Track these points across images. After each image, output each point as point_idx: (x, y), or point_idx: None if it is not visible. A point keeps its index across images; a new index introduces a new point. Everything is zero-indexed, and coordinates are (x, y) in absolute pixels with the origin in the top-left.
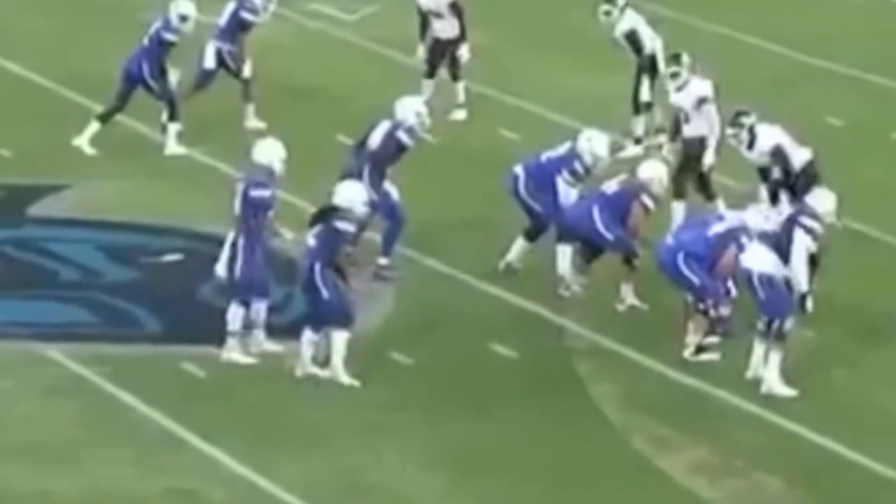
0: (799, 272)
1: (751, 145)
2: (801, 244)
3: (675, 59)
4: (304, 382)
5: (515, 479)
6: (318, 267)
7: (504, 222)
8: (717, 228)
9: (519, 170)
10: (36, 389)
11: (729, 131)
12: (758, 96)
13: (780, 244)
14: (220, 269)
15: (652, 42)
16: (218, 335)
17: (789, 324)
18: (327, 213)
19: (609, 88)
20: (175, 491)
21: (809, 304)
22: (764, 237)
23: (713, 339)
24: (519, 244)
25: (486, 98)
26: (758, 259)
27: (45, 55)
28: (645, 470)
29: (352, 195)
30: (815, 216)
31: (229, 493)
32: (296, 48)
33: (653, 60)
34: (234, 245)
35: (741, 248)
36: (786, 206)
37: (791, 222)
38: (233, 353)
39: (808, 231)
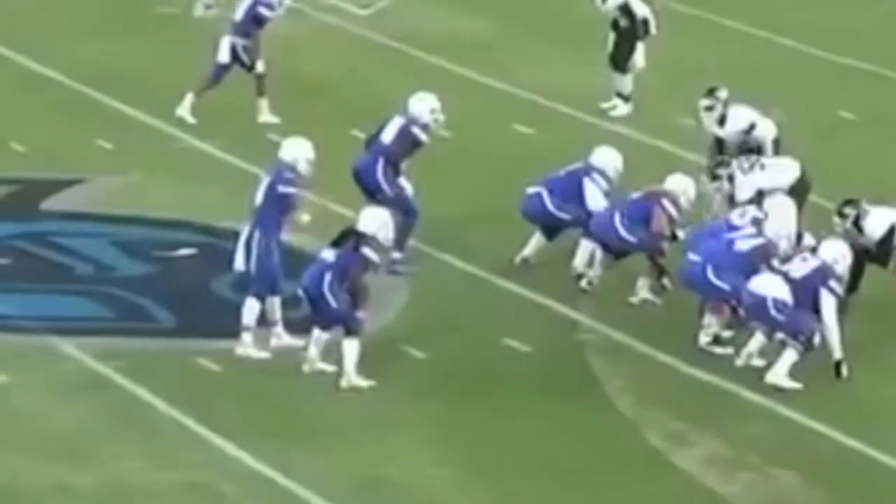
0: (832, 336)
1: (722, 122)
2: (830, 308)
3: (710, 92)
4: (319, 377)
5: (529, 473)
6: (328, 278)
7: (518, 217)
8: (742, 246)
9: (540, 189)
10: (51, 384)
11: (704, 102)
12: (769, 89)
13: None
14: (239, 263)
15: (642, 9)
16: (232, 329)
17: (817, 339)
18: (353, 237)
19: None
20: (189, 485)
21: (844, 370)
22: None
23: (729, 334)
24: (536, 239)
25: (498, 92)
26: (771, 285)
27: (56, 50)
28: (659, 465)
29: (379, 222)
30: (838, 277)
31: (243, 487)
32: (309, 43)
33: (646, 25)
34: (249, 239)
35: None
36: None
37: (814, 281)
38: (247, 347)
39: (834, 294)
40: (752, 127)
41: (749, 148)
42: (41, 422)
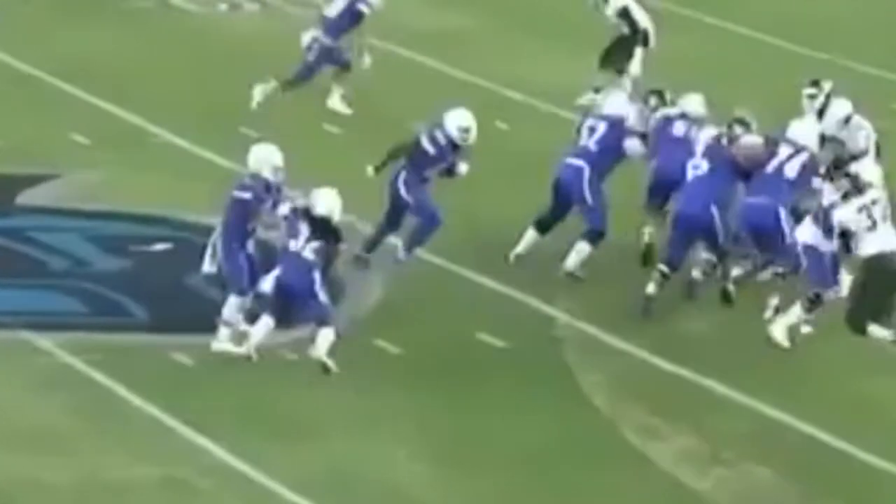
0: None
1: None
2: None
3: (814, 84)
4: (294, 372)
5: (504, 468)
6: (318, 276)
7: (494, 212)
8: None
9: (581, 163)
10: (26, 378)
11: (808, 91)
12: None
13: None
14: (205, 265)
15: (643, 18)
16: (207, 324)
17: (830, 294)
18: (329, 232)
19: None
20: (164, 480)
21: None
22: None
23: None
24: (529, 235)
25: (479, 88)
26: (804, 231)
27: (33, 44)
28: (633, 459)
29: (334, 201)
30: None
31: (218, 482)
32: (286, 39)
33: (646, 36)
34: (215, 242)
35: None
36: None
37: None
38: (224, 343)
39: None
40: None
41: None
42: (15, 416)
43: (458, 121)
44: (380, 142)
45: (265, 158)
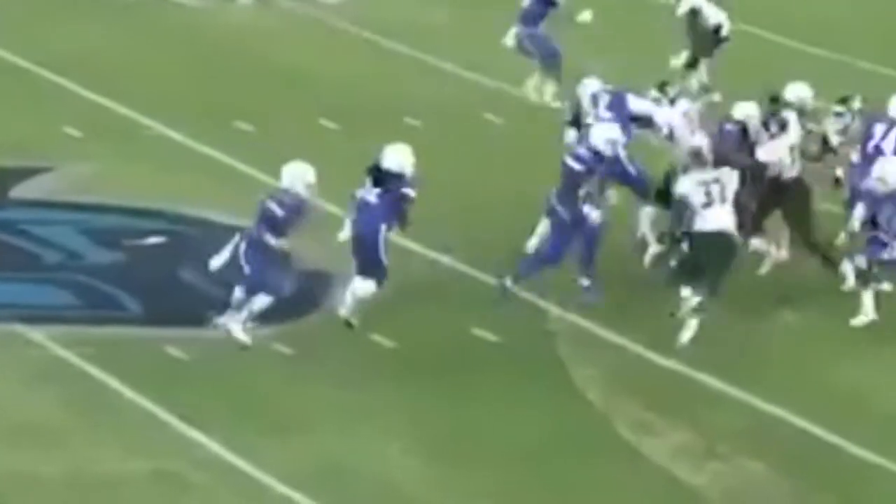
0: None
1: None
2: None
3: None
4: (287, 366)
5: (496, 462)
6: (383, 229)
7: (487, 207)
8: None
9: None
10: (19, 371)
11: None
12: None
13: None
14: (216, 261)
15: (717, 15)
16: (200, 318)
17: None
18: (393, 180)
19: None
20: (157, 473)
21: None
22: None
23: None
24: (544, 224)
25: (468, 81)
26: None
27: (25, 37)
28: (628, 454)
29: (402, 161)
30: None
31: (211, 475)
32: (278, 32)
33: (718, 32)
34: (236, 245)
35: None
36: None
37: None
38: (232, 323)
39: None
40: None
41: None
42: (9, 409)
43: (607, 135)
44: (375, 136)
45: (300, 175)
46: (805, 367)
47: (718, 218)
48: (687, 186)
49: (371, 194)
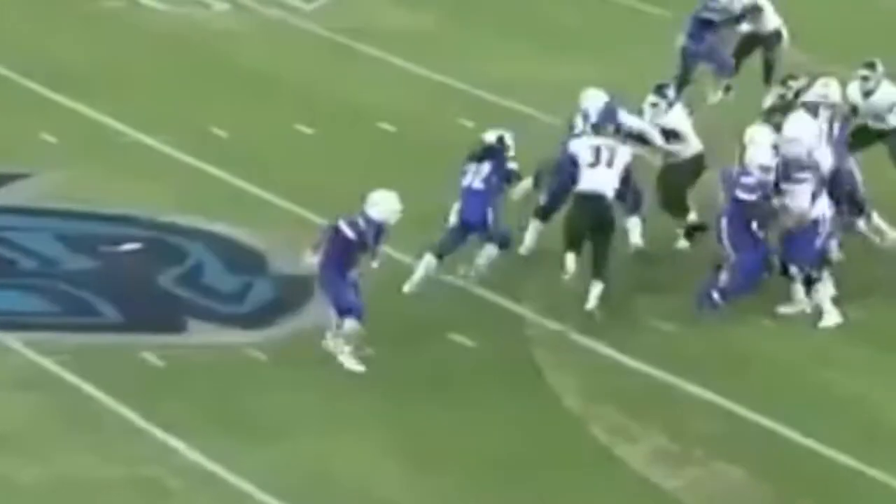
0: None
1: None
2: None
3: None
4: (265, 373)
5: (474, 467)
6: (490, 212)
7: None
8: None
9: None
10: None
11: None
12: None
13: None
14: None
15: (775, 17)
16: (177, 324)
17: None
18: (493, 151)
19: (566, 75)
20: (135, 479)
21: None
22: None
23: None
24: (533, 226)
25: (443, 86)
26: None
27: (3, 45)
28: (604, 459)
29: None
30: None
31: (189, 481)
32: (253, 37)
33: (779, 36)
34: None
35: None
36: None
37: None
38: (343, 357)
39: None
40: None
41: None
42: None
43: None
44: (351, 141)
45: (392, 209)
46: (782, 371)
47: (598, 179)
48: (578, 146)
49: (477, 180)
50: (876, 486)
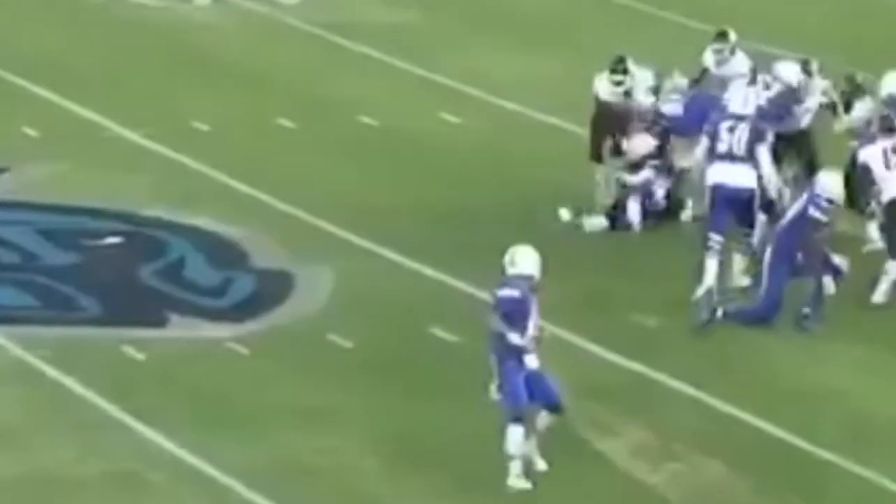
0: None
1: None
2: None
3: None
4: (246, 366)
5: (456, 462)
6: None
7: (444, 206)
8: None
9: None
10: None
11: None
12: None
13: None
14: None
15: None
16: (158, 318)
17: None
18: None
19: (549, 69)
20: (115, 474)
21: None
22: None
23: None
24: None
25: (425, 81)
26: None
27: None
28: (586, 454)
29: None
30: None
31: (169, 475)
32: (236, 32)
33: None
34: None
35: None
36: None
37: None
38: (518, 480)
39: None
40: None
41: None
42: None
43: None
44: (332, 135)
45: (535, 262)
46: (763, 368)
47: None
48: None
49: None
50: (855, 479)
